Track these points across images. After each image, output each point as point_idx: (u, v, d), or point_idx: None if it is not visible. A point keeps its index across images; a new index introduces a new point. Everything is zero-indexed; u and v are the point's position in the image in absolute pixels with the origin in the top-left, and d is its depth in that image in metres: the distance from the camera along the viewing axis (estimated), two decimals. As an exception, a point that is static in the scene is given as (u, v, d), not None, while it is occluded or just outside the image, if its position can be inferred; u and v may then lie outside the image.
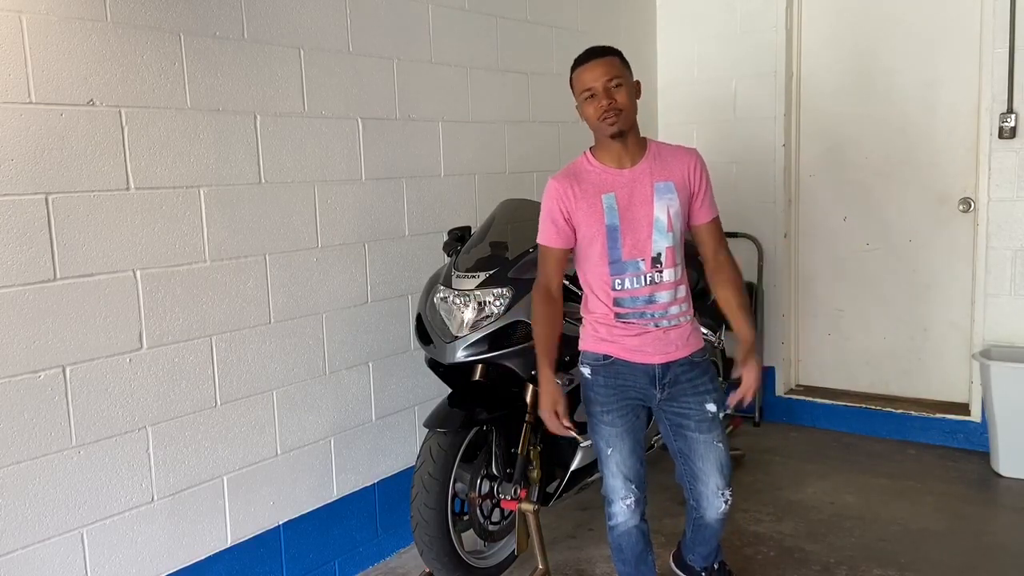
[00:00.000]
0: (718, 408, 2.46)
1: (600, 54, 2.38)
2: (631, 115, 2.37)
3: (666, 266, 2.39)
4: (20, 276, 2.16)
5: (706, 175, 2.46)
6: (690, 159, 2.45)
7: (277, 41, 2.76)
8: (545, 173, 3.96)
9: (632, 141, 2.41)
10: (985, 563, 3.08)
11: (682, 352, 2.44)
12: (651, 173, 2.40)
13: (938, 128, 4.20)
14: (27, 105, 2.16)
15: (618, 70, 2.36)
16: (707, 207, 2.47)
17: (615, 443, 2.46)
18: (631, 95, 2.37)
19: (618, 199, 2.38)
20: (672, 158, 2.44)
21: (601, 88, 2.33)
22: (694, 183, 2.43)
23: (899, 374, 4.46)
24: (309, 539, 2.96)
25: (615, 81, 2.33)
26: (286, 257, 2.82)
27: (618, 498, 2.49)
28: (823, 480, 3.85)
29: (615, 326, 2.42)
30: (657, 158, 2.43)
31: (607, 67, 2.34)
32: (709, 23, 4.64)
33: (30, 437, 2.20)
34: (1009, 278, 3.93)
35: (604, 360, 2.46)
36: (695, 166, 2.44)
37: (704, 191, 2.45)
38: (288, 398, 2.86)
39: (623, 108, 2.33)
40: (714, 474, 2.47)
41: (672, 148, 2.49)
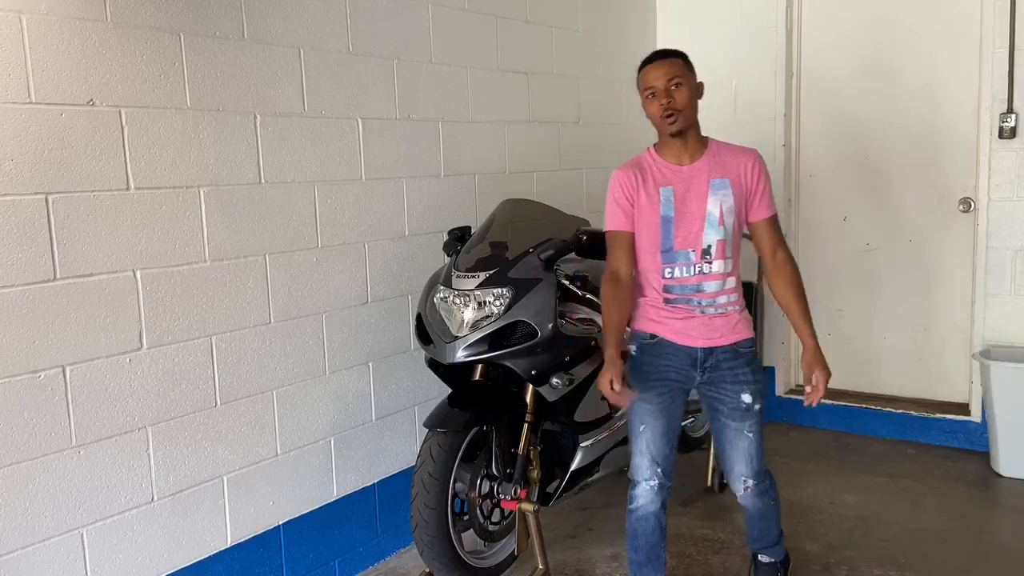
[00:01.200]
0: (753, 400, 2.52)
1: (664, 56, 2.51)
2: (690, 115, 2.49)
3: (715, 258, 2.49)
4: (20, 276, 2.16)
5: (764, 174, 2.54)
6: (748, 158, 2.53)
7: (277, 41, 2.76)
8: (545, 173, 3.98)
9: (692, 139, 2.52)
10: (985, 563, 3.08)
11: (726, 339, 2.51)
12: (708, 170, 2.51)
13: (938, 128, 4.20)
14: (27, 105, 2.16)
15: (680, 70, 2.47)
16: (763, 205, 2.55)
17: (648, 420, 2.55)
18: (691, 95, 2.48)
19: (675, 193, 2.50)
20: (731, 157, 2.54)
21: (662, 87, 2.45)
22: (750, 181, 2.52)
23: (899, 374, 4.46)
24: (309, 539, 2.96)
25: (675, 81, 2.45)
26: (286, 257, 2.82)
27: (642, 479, 2.56)
28: (823, 480, 3.85)
29: (663, 309, 2.53)
30: (716, 156, 2.53)
31: (669, 67, 2.47)
32: (709, 23, 4.64)
33: (30, 437, 2.20)
34: (1009, 278, 3.93)
35: (651, 339, 2.56)
36: (752, 165, 2.52)
37: (761, 190, 2.53)
38: (288, 398, 2.86)
39: (682, 108, 2.45)
40: (739, 461, 2.56)
41: (732, 148, 2.58)
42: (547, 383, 2.72)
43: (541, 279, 2.70)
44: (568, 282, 2.79)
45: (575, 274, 2.84)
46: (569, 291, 2.79)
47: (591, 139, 4.29)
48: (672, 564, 3.12)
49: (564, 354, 2.75)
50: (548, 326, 2.64)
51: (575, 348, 2.79)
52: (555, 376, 2.72)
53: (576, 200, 4.15)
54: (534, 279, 2.69)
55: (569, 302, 2.81)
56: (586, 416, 2.92)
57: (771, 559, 2.87)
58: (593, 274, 2.96)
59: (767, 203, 2.55)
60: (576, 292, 2.80)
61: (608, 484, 3.77)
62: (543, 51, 3.96)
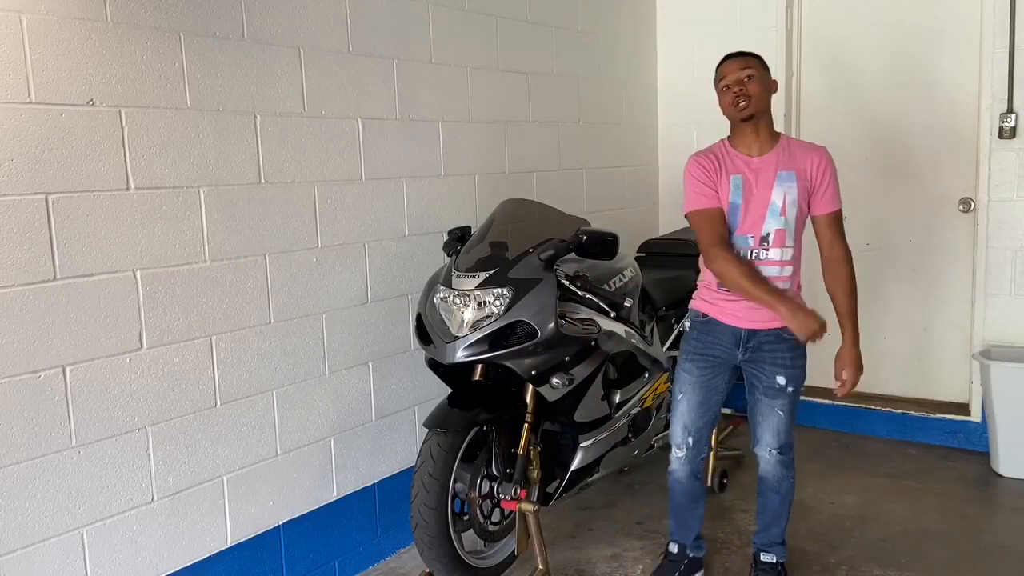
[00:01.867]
0: (787, 383, 2.68)
1: (741, 54, 2.68)
2: (761, 104, 2.62)
3: (772, 245, 2.66)
4: (20, 276, 2.16)
5: (831, 171, 2.66)
6: (816, 155, 2.66)
7: (277, 41, 2.76)
8: (545, 173, 3.98)
9: (764, 131, 2.66)
10: (985, 563, 3.08)
11: (771, 324, 2.65)
12: (777, 162, 2.65)
13: (938, 128, 4.20)
14: (27, 105, 2.16)
15: (754, 65, 2.63)
16: (827, 201, 2.67)
17: (687, 391, 2.77)
18: (763, 88, 2.62)
19: (744, 181, 2.65)
20: (800, 152, 2.67)
21: (734, 80, 2.61)
22: (816, 177, 2.64)
23: (899, 374, 4.46)
24: (309, 539, 2.96)
25: (748, 72, 2.60)
26: (286, 257, 2.82)
27: (674, 444, 2.82)
28: (823, 480, 3.85)
29: (716, 291, 2.71)
30: (786, 151, 2.67)
31: (744, 62, 2.63)
32: (709, 23, 4.64)
33: (30, 437, 2.20)
34: (1009, 278, 3.94)
35: (702, 318, 2.77)
36: (820, 161, 2.65)
37: (826, 186, 2.65)
38: (288, 398, 2.86)
39: (752, 95, 2.58)
40: (767, 432, 2.74)
41: (802, 144, 2.72)
42: (547, 383, 2.72)
43: (541, 279, 2.70)
44: (568, 282, 2.78)
45: (575, 274, 2.84)
46: (569, 291, 2.79)
47: (591, 139, 4.29)
48: (672, 564, 3.13)
49: (564, 354, 2.75)
50: (548, 326, 2.64)
51: (575, 348, 2.78)
52: (555, 376, 2.72)
53: (576, 200, 4.15)
54: (534, 279, 2.69)
55: (569, 302, 2.80)
56: (586, 416, 2.92)
57: (772, 558, 2.88)
58: (593, 274, 2.96)
59: (830, 199, 2.67)
60: (576, 292, 2.79)
61: (608, 484, 3.78)
62: (543, 51, 3.96)
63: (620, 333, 3.00)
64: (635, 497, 3.73)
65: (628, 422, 3.15)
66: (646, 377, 3.27)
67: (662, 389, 3.37)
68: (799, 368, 2.71)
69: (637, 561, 3.17)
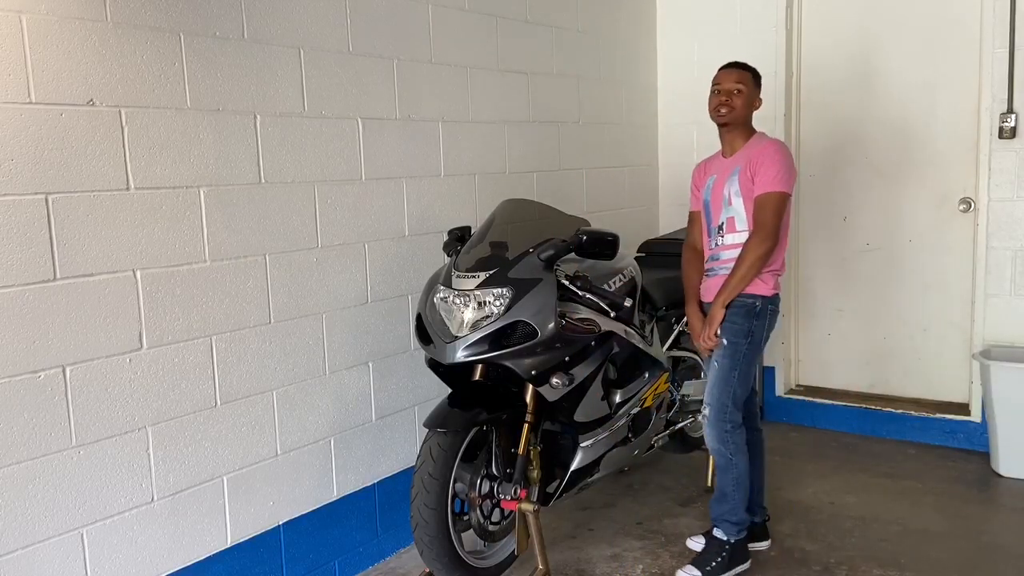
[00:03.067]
0: (722, 333, 2.92)
1: (739, 66, 2.99)
2: (740, 116, 2.94)
3: (727, 232, 2.98)
4: (20, 276, 2.16)
5: (770, 158, 2.86)
6: (763, 145, 2.92)
7: (277, 41, 2.76)
8: (545, 173, 3.98)
9: (739, 137, 2.97)
10: (985, 563, 3.08)
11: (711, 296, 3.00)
12: (736, 160, 2.96)
13: (938, 128, 4.20)
14: (27, 105, 2.16)
15: (747, 81, 2.93)
16: (761, 183, 2.86)
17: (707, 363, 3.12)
18: (747, 103, 2.94)
19: (715, 180, 3.02)
20: (754, 146, 2.94)
21: (725, 87, 2.93)
22: (756, 163, 2.88)
23: (899, 374, 4.46)
24: (309, 539, 2.96)
25: (739, 87, 2.92)
26: (286, 257, 2.82)
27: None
28: (823, 480, 3.85)
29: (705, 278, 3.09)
30: (747, 149, 2.95)
31: (739, 75, 2.95)
32: (709, 23, 4.64)
33: (30, 437, 2.20)
34: (1009, 278, 3.94)
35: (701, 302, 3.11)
36: (763, 150, 2.89)
37: (764, 170, 2.85)
38: (288, 398, 2.86)
39: (735, 107, 2.91)
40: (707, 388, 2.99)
41: (759, 141, 2.96)
42: (547, 383, 2.72)
43: (541, 279, 2.70)
44: (568, 282, 2.78)
45: (575, 274, 2.84)
46: (569, 291, 2.79)
47: (591, 139, 4.29)
48: (672, 564, 3.13)
49: (564, 354, 2.75)
50: (548, 326, 2.64)
51: (575, 348, 2.78)
52: (555, 376, 2.72)
53: (576, 200, 4.15)
54: (534, 279, 2.69)
55: (569, 302, 2.80)
56: (586, 416, 2.91)
57: (721, 535, 2.99)
58: (593, 274, 2.96)
59: (764, 182, 2.86)
60: (576, 292, 2.79)
61: (608, 484, 3.78)
62: (543, 51, 3.96)
63: (620, 333, 3.00)
64: (635, 497, 3.73)
65: (628, 422, 3.15)
66: (646, 377, 3.27)
67: (662, 389, 3.37)
68: (734, 324, 2.91)
69: (637, 561, 3.17)
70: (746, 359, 2.93)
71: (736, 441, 2.95)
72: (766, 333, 2.98)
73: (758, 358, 3.04)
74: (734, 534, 2.98)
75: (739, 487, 2.96)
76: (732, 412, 2.93)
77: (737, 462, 2.94)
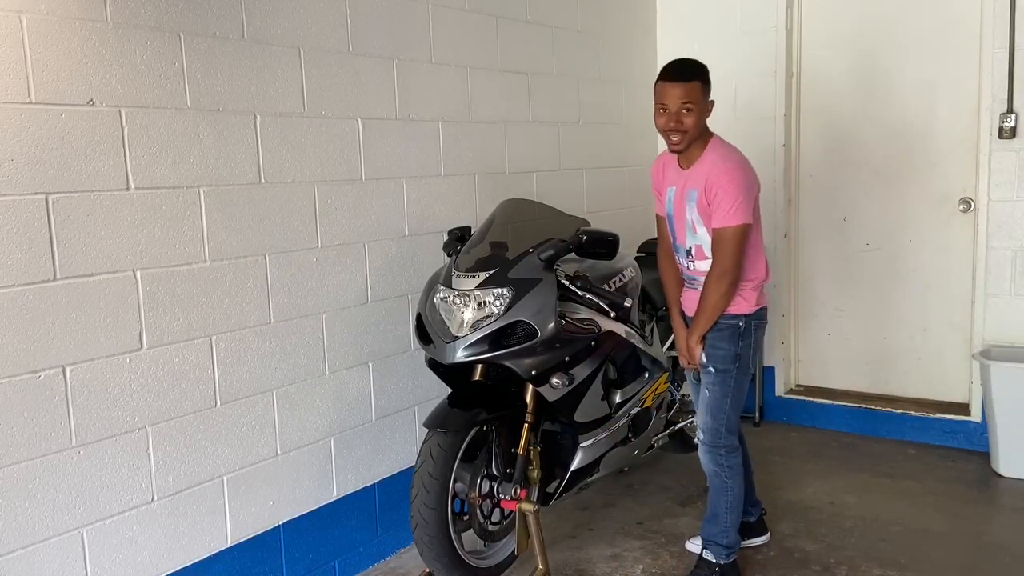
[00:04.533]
0: (707, 360, 2.83)
1: (684, 77, 2.69)
2: (695, 135, 2.71)
3: (697, 258, 2.84)
4: (20, 276, 2.16)
5: (723, 190, 2.65)
6: (715, 173, 2.68)
7: (277, 41, 2.76)
8: (545, 173, 3.98)
9: (695, 147, 2.74)
10: (985, 563, 3.08)
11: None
12: (693, 178, 2.75)
13: (938, 128, 4.20)
14: (27, 105, 2.16)
15: (695, 96, 2.67)
16: (717, 217, 2.69)
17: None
18: (700, 118, 2.69)
19: (676, 193, 2.84)
20: (709, 167, 2.71)
21: (674, 109, 2.67)
22: (711, 194, 2.69)
23: (899, 374, 4.46)
24: (309, 539, 2.96)
25: (688, 106, 2.66)
26: (286, 257, 2.82)
27: None
28: (823, 480, 3.85)
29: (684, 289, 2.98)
30: (701, 165, 2.74)
31: (686, 91, 2.66)
32: (709, 23, 4.64)
33: (30, 437, 2.20)
34: (1009, 278, 3.94)
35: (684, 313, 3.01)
36: (717, 180, 2.67)
37: (718, 204, 2.67)
38: (288, 398, 2.86)
39: (687, 131, 2.68)
40: (699, 412, 2.94)
41: (717, 157, 2.73)
42: (547, 383, 2.72)
43: (541, 279, 2.70)
44: (568, 282, 2.78)
45: (575, 274, 2.84)
46: (569, 291, 2.79)
47: (591, 139, 4.29)
48: (672, 564, 3.13)
49: (564, 354, 2.75)
50: (548, 326, 2.64)
51: (575, 348, 2.78)
52: (555, 376, 2.72)
53: (576, 200, 4.15)
54: (534, 279, 2.69)
55: (569, 302, 2.80)
56: (586, 416, 2.92)
57: (711, 557, 2.94)
58: (593, 274, 2.96)
59: (720, 216, 2.67)
60: (576, 292, 2.79)
61: (608, 484, 3.78)
62: (543, 51, 3.96)
63: (620, 333, 3.00)
64: (635, 497, 3.73)
65: (628, 422, 3.15)
66: (646, 377, 3.27)
67: (662, 389, 3.37)
68: (719, 350, 2.81)
69: (637, 561, 3.17)
70: (737, 384, 2.83)
71: (732, 464, 2.88)
72: (754, 351, 2.87)
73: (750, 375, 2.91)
74: (723, 557, 2.92)
75: (732, 510, 2.90)
76: (727, 436, 2.86)
77: (732, 485, 2.89)
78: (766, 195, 4.49)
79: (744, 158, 2.77)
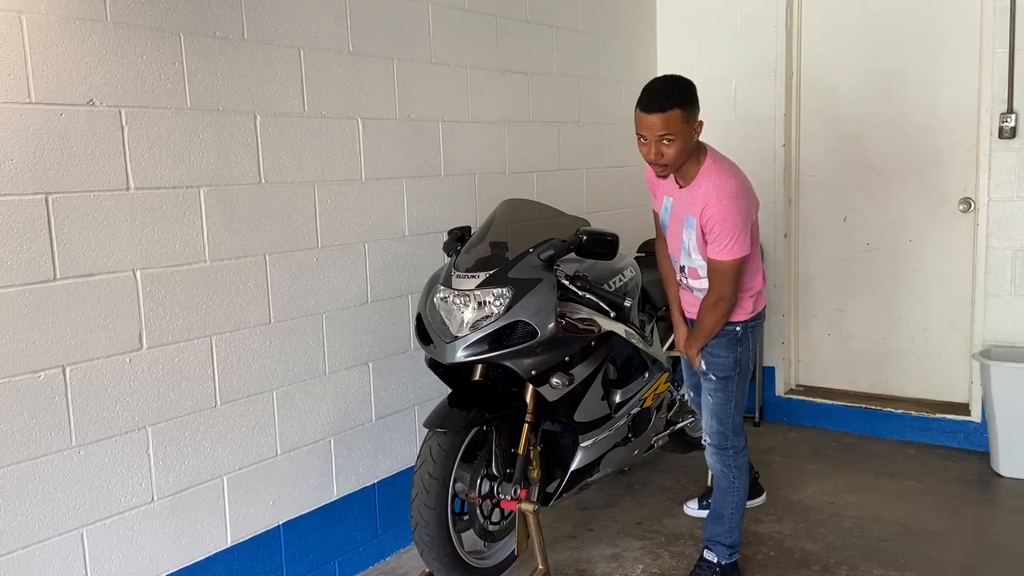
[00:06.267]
0: (707, 368, 2.86)
1: (661, 107, 2.51)
2: (678, 163, 2.63)
3: (690, 278, 2.85)
4: (20, 276, 2.16)
5: (719, 223, 2.59)
6: (711, 205, 2.60)
7: (277, 41, 2.76)
8: (545, 173, 3.98)
9: (687, 167, 2.67)
10: (985, 563, 3.08)
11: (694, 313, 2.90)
12: (690, 202, 2.69)
13: (938, 128, 4.20)
14: (27, 105, 2.16)
15: (675, 127, 2.52)
16: (714, 250, 2.66)
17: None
18: (683, 147, 2.57)
19: (673, 205, 2.80)
20: (704, 194, 2.63)
21: (653, 140, 2.56)
22: (707, 226, 2.65)
23: (899, 374, 4.46)
24: (309, 539, 2.96)
25: (668, 138, 2.54)
26: (286, 257, 2.82)
27: None
28: (823, 480, 3.85)
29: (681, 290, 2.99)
30: (697, 188, 2.67)
31: (664, 123, 2.51)
32: (709, 23, 4.64)
33: (30, 437, 2.20)
34: (1009, 278, 3.94)
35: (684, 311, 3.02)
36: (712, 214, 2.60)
37: (714, 237, 2.63)
38: (288, 398, 2.86)
39: (669, 162, 2.60)
40: (704, 417, 2.95)
41: (712, 182, 2.63)
42: (547, 383, 2.72)
43: (541, 279, 2.70)
44: (568, 282, 2.78)
45: (575, 274, 2.84)
46: (569, 291, 2.79)
47: (591, 139, 4.29)
48: (672, 564, 3.13)
49: (564, 354, 2.75)
50: (548, 326, 2.64)
51: (575, 348, 2.78)
52: (555, 376, 2.72)
53: (576, 200, 4.15)
54: (534, 279, 2.69)
55: (569, 302, 2.80)
56: (586, 416, 2.92)
57: (714, 558, 2.94)
58: (593, 274, 2.96)
59: (717, 250, 2.64)
60: (576, 292, 2.79)
61: (608, 484, 3.78)
62: (543, 51, 3.96)
63: (620, 333, 3.00)
64: (635, 497, 3.73)
65: (628, 422, 3.15)
66: (646, 377, 3.27)
67: (662, 389, 3.37)
68: (719, 357, 2.82)
69: (637, 561, 3.17)
70: (739, 388, 2.86)
71: (739, 464, 2.89)
72: (752, 352, 2.88)
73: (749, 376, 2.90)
74: (725, 557, 2.92)
75: (737, 510, 2.91)
76: (733, 439, 2.88)
77: (739, 485, 2.89)
78: (766, 195, 4.51)
79: (742, 181, 2.67)
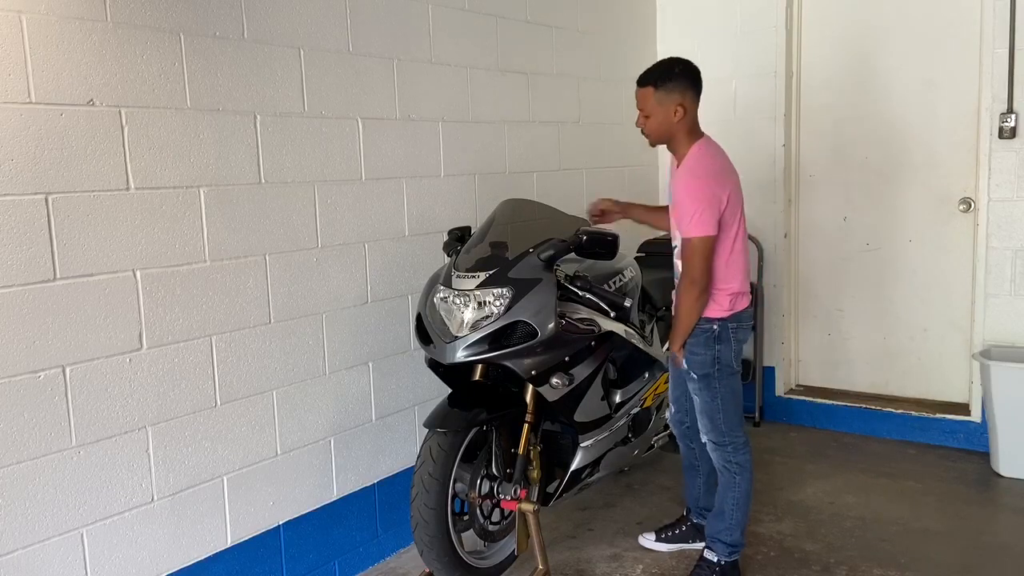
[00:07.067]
0: (688, 367, 2.85)
1: (640, 82, 2.80)
2: (662, 136, 2.81)
3: (678, 259, 2.84)
4: (20, 276, 2.16)
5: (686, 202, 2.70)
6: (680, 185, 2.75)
7: (277, 41, 2.76)
8: (545, 173, 3.98)
9: (677, 146, 2.82)
10: (985, 563, 3.08)
11: None
12: (676, 180, 2.81)
13: (938, 128, 4.20)
14: (27, 105, 2.16)
15: (646, 102, 2.77)
16: (682, 227, 2.74)
17: None
18: (659, 121, 2.77)
19: (669, 185, 2.90)
20: (679, 174, 2.79)
21: (639, 111, 2.82)
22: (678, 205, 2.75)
23: (899, 374, 4.46)
24: (309, 539, 2.96)
25: (645, 112, 2.79)
26: (286, 257, 2.82)
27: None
28: (823, 480, 3.85)
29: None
30: (680, 169, 2.79)
31: (639, 97, 2.80)
32: (709, 23, 4.64)
33: (30, 437, 2.20)
34: (1009, 278, 3.93)
35: None
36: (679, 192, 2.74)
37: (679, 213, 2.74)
38: (288, 398, 2.86)
39: (650, 133, 2.83)
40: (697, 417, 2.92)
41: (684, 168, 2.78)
42: (547, 383, 2.72)
43: (541, 279, 2.70)
44: (568, 282, 2.78)
45: (575, 274, 2.84)
46: (569, 291, 2.79)
47: (591, 139, 4.29)
48: (672, 564, 3.13)
49: (564, 354, 2.75)
50: (548, 326, 2.64)
51: (575, 348, 2.79)
52: (555, 376, 2.73)
53: (576, 200, 4.14)
54: (534, 279, 2.69)
55: (569, 302, 2.80)
56: (586, 416, 2.92)
57: (713, 556, 2.94)
58: (593, 274, 2.96)
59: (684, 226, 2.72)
60: (576, 292, 2.79)
61: (608, 484, 3.78)
62: (543, 51, 3.96)
63: (620, 333, 3.00)
64: (635, 497, 3.73)
65: (628, 422, 3.15)
66: (646, 377, 3.27)
67: (662, 389, 3.37)
68: (697, 355, 2.82)
69: (637, 561, 3.17)
70: (723, 384, 2.82)
71: (740, 460, 2.87)
72: (735, 352, 2.84)
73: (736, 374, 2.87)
74: (725, 555, 2.91)
75: (739, 507, 2.89)
76: (729, 434, 2.85)
77: (740, 482, 2.87)
78: (766, 195, 4.53)
79: (716, 165, 2.76)
